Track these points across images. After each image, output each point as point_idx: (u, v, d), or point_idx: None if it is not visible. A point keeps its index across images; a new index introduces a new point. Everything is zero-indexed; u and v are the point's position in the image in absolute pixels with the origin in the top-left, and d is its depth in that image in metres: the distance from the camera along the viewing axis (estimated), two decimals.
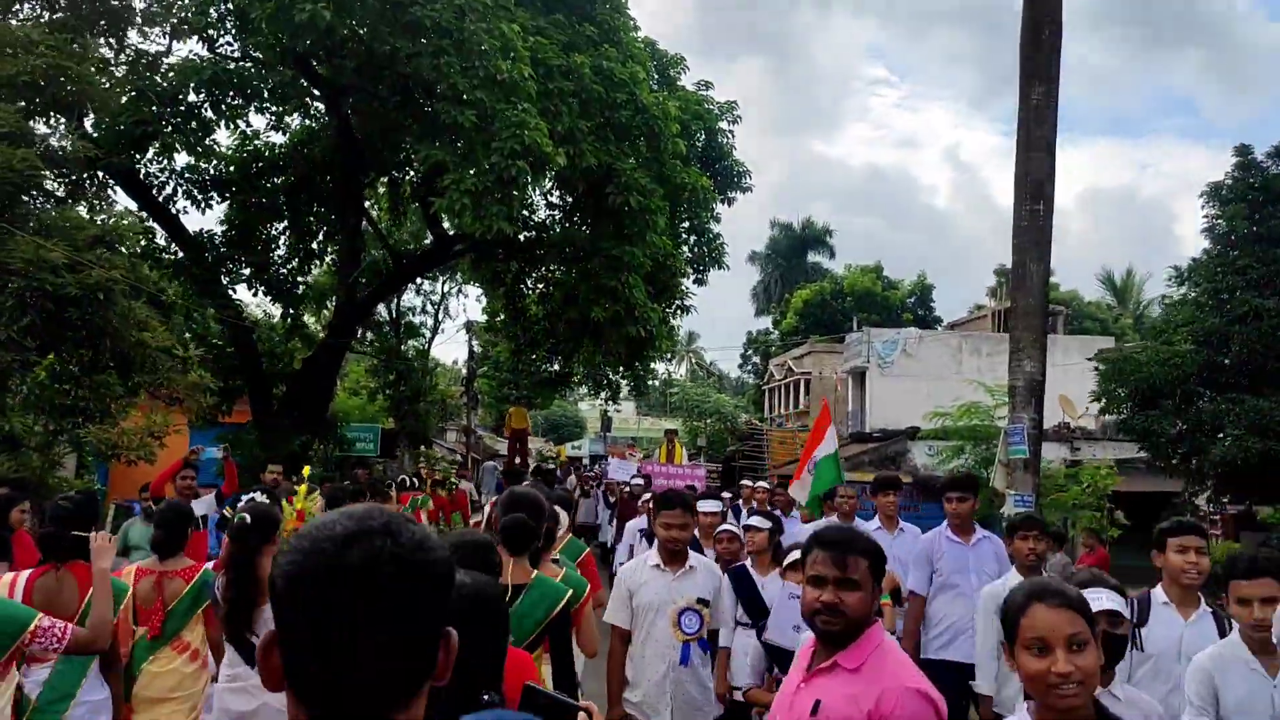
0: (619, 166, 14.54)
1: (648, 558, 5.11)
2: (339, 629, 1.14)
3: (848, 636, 2.68)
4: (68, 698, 4.04)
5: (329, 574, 1.15)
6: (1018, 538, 5.47)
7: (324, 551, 1.17)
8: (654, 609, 4.91)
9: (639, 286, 14.99)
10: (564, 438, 67.36)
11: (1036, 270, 13.82)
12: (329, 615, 1.15)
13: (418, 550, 1.20)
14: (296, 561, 1.18)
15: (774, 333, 54.79)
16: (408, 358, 29.77)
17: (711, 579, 5.10)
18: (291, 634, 1.17)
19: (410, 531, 1.22)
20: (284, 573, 1.18)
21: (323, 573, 1.16)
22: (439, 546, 1.25)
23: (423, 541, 1.23)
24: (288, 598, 1.17)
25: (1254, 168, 12.91)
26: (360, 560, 1.16)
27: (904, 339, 30.28)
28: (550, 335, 21.94)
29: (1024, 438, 13.72)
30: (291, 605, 1.17)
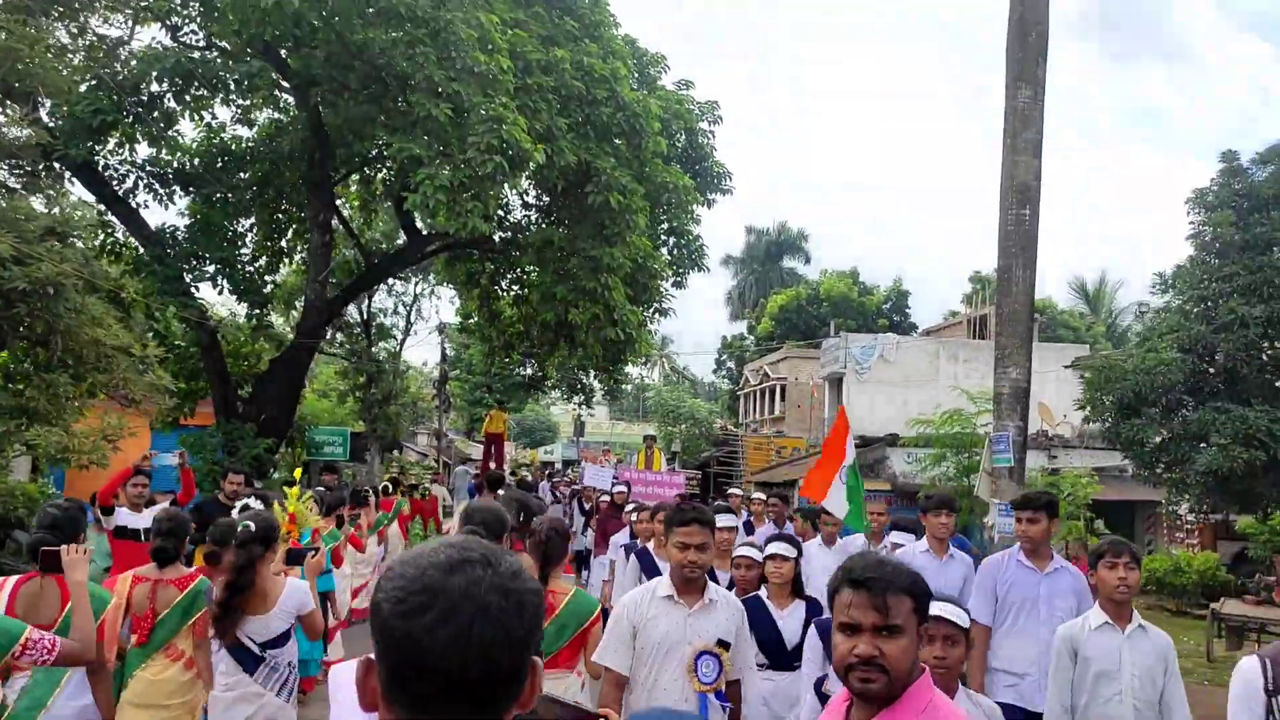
0: (599, 165, 14.17)
1: (657, 587, 4.18)
2: (440, 653, 1.18)
3: (890, 694, 2.26)
4: (40, 706, 4.06)
5: (434, 599, 1.20)
6: (1103, 565, 4.40)
7: (430, 578, 1.22)
8: (664, 651, 4.02)
9: (618, 288, 14.62)
10: (536, 442, 66.95)
11: (1023, 276, 13.57)
12: (432, 640, 1.19)
13: (514, 579, 1.26)
14: (403, 588, 1.22)
15: (749, 338, 54.56)
16: (378, 360, 29.25)
17: (734, 616, 4.17)
18: (392, 654, 1.22)
19: (507, 562, 1.28)
20: (389, 594, 1.23)
21: (428, 597, 1.20)
22: (530, 577, 1.30)
23: (518, 571, 1.28)
24: (390, 620, 1.21)
25: (1239, 174, 12.75)
26: (464, 586, 1.21)
27: (881, 345, 30.08)
28: (525, 338, 21.56)
29: (1009, 446, 13.45)
30: (393, 628, 1.21)
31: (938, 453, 16.41)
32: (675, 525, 4.13)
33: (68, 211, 11.42)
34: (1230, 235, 12.08)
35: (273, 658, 4.73)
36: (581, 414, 52.48)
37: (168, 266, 14.96)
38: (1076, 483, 16.20)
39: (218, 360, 16.06)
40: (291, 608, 4.81)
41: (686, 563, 4.06)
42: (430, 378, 39.50)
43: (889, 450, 22.40)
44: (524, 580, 1.27)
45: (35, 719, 4.04)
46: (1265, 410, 11.73)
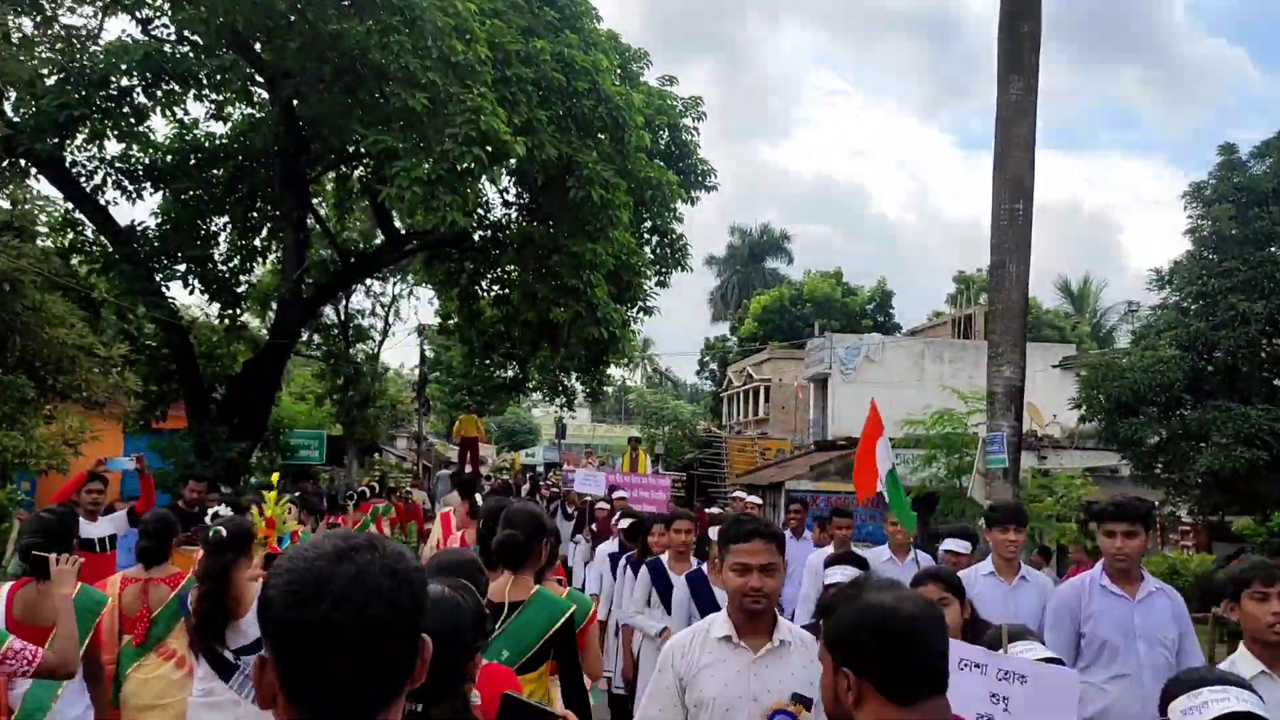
0: (580, 159, 13.78)
1: (711, 626, 3.29)
2: (337, 638, 1.23)
3: None
4: (43, 710, 4.08)
5: (325, 586, 1.24)
6: (1250, 596, 3.38)
7: (319, 568, 1.26)
8: (723, 710, 3.10)
9: (601, 285, 14.24)
10: (518, 445, 66.47)
11: (1017, 271, 13.28)
12: (327, 626, 1.22)
13: (399, 560, 1.31)
14: (294, 581, 1.26)
15: (731, 339, 54.29)
16: (356, 362, 28.76)
17: (813, 662, 2.98)
18: (288, 647, 1.24)
19: (392, 546, 1.34)
20: (281, 589, 1.26)
21: (320, 586, 1.24)
22: (414, 558, 1.35)
23: (403, 554, 1.34)
24: (284, 613, 1.24)
25: (1238, 167, 12.49)
26: (354, 573, 1.26)
27: (866, 345, 29.82)
28: (506, 338, 21.14)
29: (1003, 446, 13.15)
30: (288, 621, 1.24)
31: (928, 453, 16.10)
32: (733, 541, 3.25)
33: (27, 207, 10.91)
34: (1229, 229, 11.82)
35: (247, 665, 4.55)
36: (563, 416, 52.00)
37: (137, 265, 14.48)
38: (1070, 484, 15.95)
39: (189, 362, 15.58)
40: None
41: (749, 590, 3.15)
42: (409, 380, 39.01)
43: None
44: (409, 562, 1.33)
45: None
46: (1266, 409, 11.47)
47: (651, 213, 17.47)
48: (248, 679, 4.51)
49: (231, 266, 18.07)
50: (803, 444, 33.27)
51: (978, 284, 43.91)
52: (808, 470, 21.78)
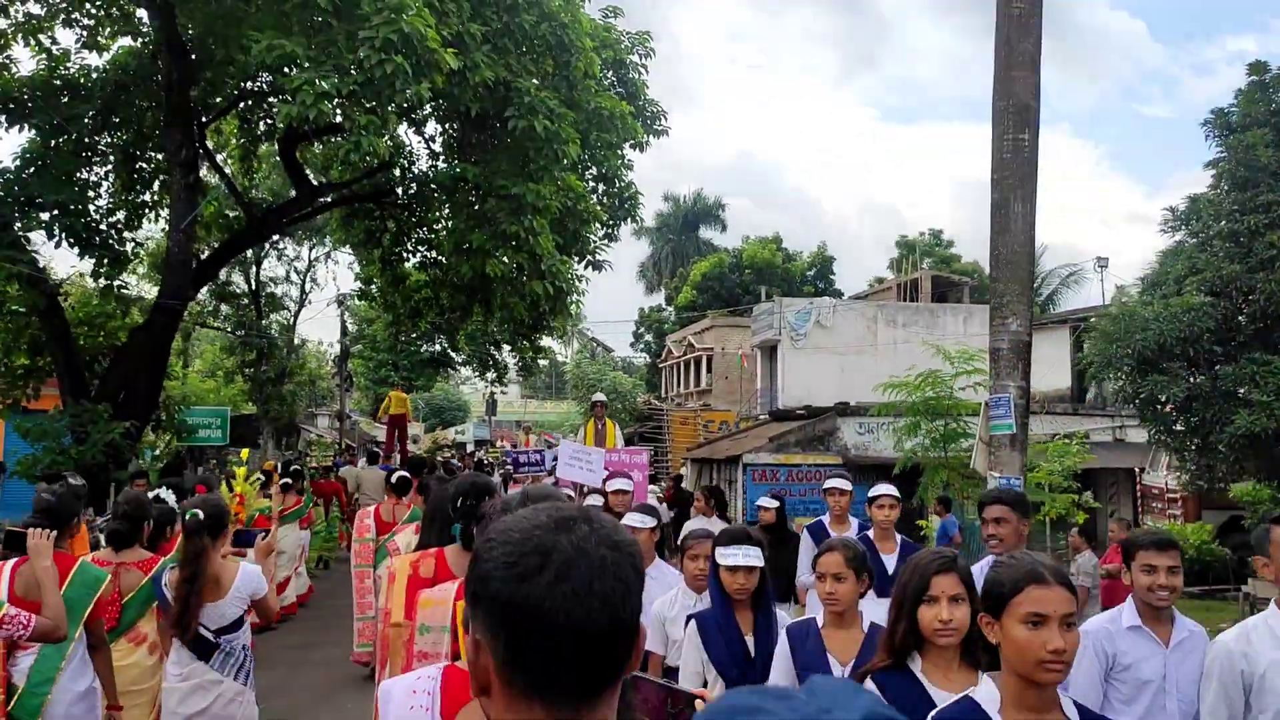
0: (520, 85, 11.81)
1: None
2: (568, 610, 1.11)
3: None
4: (49, 681, 4.12)
5: (550, 558, 1.13)
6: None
7: (540, 539, 1.15)
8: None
9: (546, 233, 12.30)
10: (446, 422, 64.27)
11: (1023, 211, 11.64)
12: (556, 597, 1.11)
13: (617, 532, 1.21)
14: (513, 552, 1.15)
15: (668, 309, 52.71)
16: (270, 334, 26.39)
17: None
18: (516, 623, 1.13)
19: (605, 518, 1.23)
20: (502, 565, 1.15)
21: (545, 558, 1.13)
22: (625, 529, 1.25)
23: (618, 526, 1.23)
24: (512, 587, 1.13)
25: (1268, 89, 11.07)
26: (576, 543, 1.15)
27: (817, 309, 28.34)
28: (434, 304, 19.09)
29: (1010, 409, 11.56)
30: (515, 595, 1.13)
31: (911, 422, 14.54)
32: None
33: None
34: (1266, 157, 10.37)
35: (228, 643, 4.64)
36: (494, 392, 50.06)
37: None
38: (1065, 451, 14.56)
39: (60, 329, 13.29)
40: (245, 593, 4.72)
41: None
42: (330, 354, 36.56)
43: (840, 420, 20.60)
44: (625, 534, 1.22)
45: (46, 694, 4.09)
46: None
47: (596, 159, 15.57)
48: (229, 657, 4.63)
49: (114, 221, 15.74)
50: (749, 414, 31.81)
51: (921, 249, 42.93)
52: (766, 442, 20.16)
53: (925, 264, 39.84)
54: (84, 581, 4.29)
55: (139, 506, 5.11)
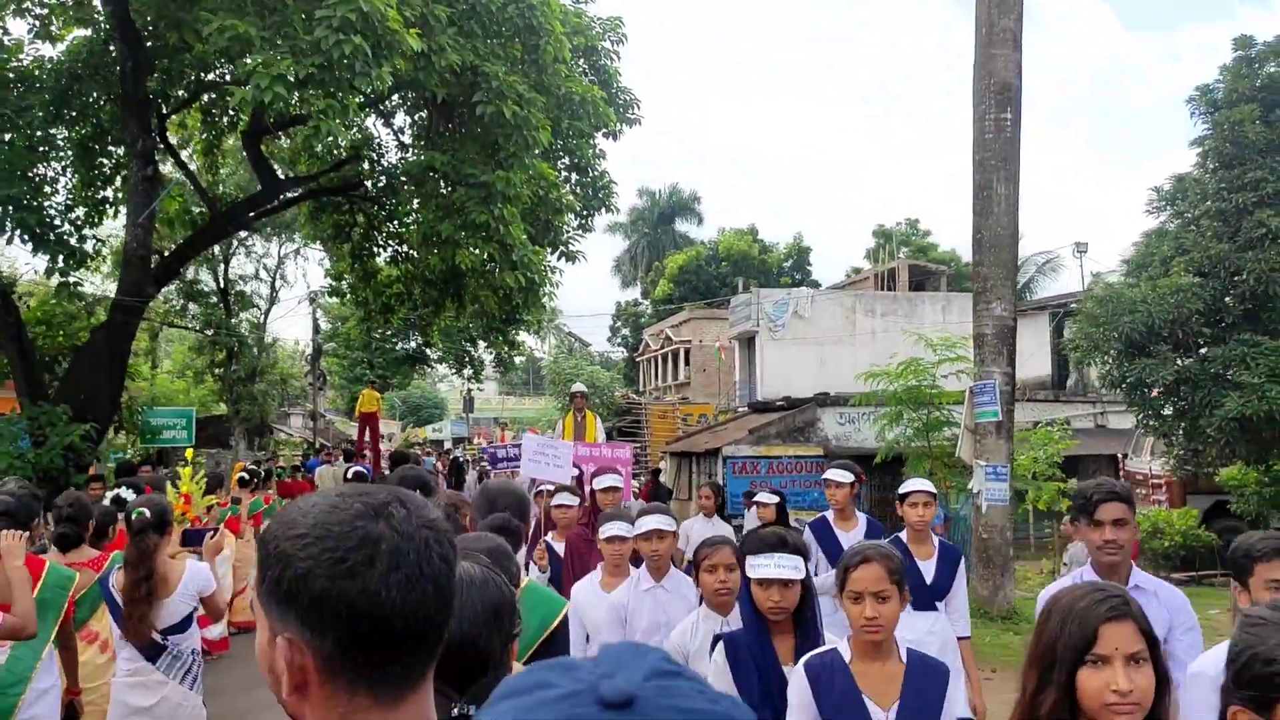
0: (488, 69, 11.43)
1: None
2: (405, 599, 1.09)
3: None
4: (23, 681, 4.15)
5: (379, 547, 1.10)
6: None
7: (363, 529, 1.10)
8: None
9: (517, 222, 11.93)
10: (423, 420, 63.74)
11: (1005, 192, 11.42)
12: (391, 587, 1.08)
13: (430, 511, 1.18)
14: (336, 545, 1.09)
15: (644, 303, 52.37)
16: (239, 333, 25.84)
17: None
18: (348, 620, 1.08)
19: (414, 497, 1.19)
20: (325, 560, 1.08)
21: (374, 548, 1.09)
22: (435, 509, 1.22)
23: (424, 502, 1.19)
24: (342, 583, 1.08)
25: (1252, 65, 10.84)
26: (398, 529, 1.12)
27: (795, 300, 28.05)
28: (406, 299, 18.70)
29: (995, 395, 11.35)
30: (347, 590, 1.07)
31: (893, 411, 14.26)
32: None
33: None
34: (1254, 134, 10.13)
35: (175, 644, 4.62)
36: (471, 389, 49.63)
37: None
38: (1049, 439, 14.34)
39: (14, 328, 12.82)
40: (194, 591, 4.70)
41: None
42: (303, 353, 35.99)
43: (820, 411, 20.32)
44: (432, 510, 1.19)
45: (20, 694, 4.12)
46: None
47: (569, 147, 15.22)
48: (175, 659, 4.61)
49: (73, 219, 15.28)
50: (727, 407, 31.53)
51: (899, 238, 42.77)
52: (746, 434, 19.85)
53: (902, 253, 39.66)
54: (56, 582, 4.36)
55: (81, 508, 5.12)
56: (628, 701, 0.67)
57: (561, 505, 5.79)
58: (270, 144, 17.57)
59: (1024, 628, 11.06)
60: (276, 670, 1.12)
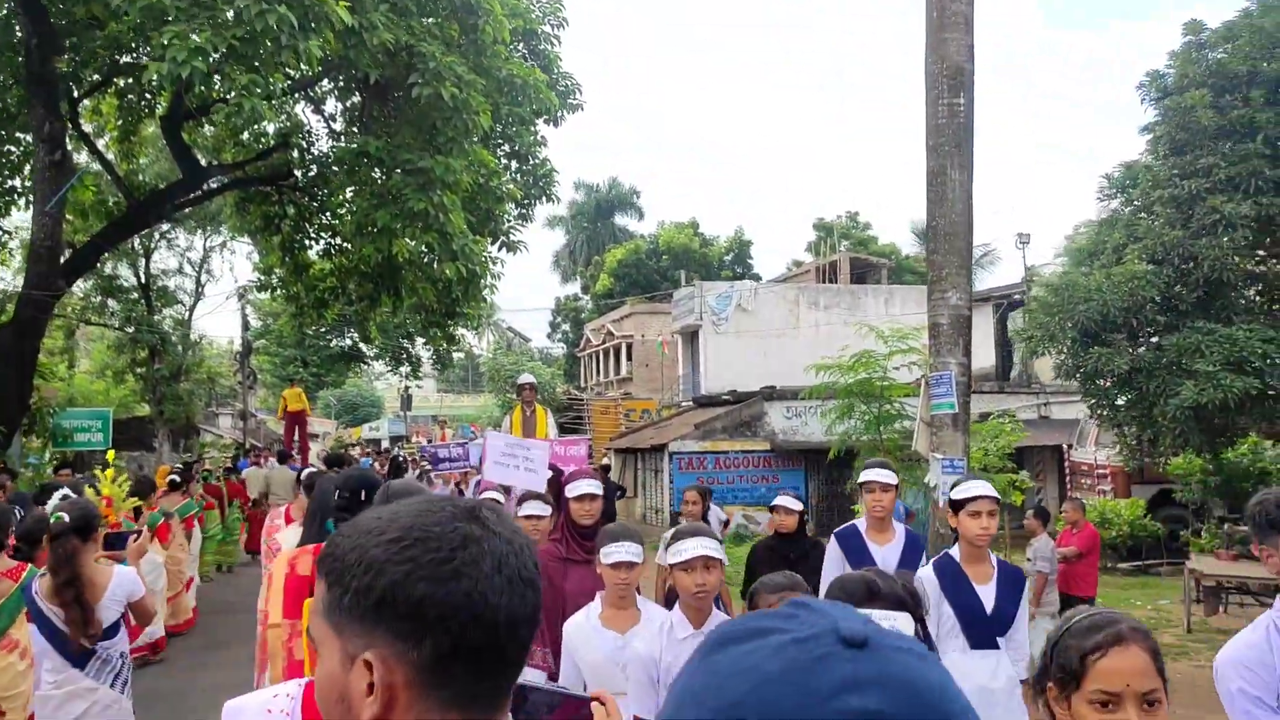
0: (424, 49, 10.86)
1: None
2: (509, 598, 1.05)
3: None
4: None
5: (481, 546, 1.06)
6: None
7: (461, 530, 1.06)
8: None
9: (457, 210, 11.38)
10: (360, 419, 62.55)
11: (959, 180, 11.11)
12: (495, 588, 1.04)
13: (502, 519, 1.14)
14: (438, 548, 1.04)
15: (584, 298, 51.89)
16: (163, 330, 24.77)
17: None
18: (456, 625, 1.02)
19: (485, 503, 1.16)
20: (427, 563, 1.03)
21: (477, 548, 1.06)
22: None
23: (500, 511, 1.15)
24: (450, 585, 1.03)
25: (1205, 49, 10.72)
26: (486, 530, 1.08)
27: (738, 293, 27.82)
28: (340, 293, 17.97)
29: (952, 387, 11.06)
30: (455, 592, 1.02)
31: (844, 404, 14.00)
32: None
33: None
34: (1206, 119, 10.00)
35: (104, 650, 4.52)
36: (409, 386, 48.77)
37: None
38: (1000, 430, 14.18)
39: None
40: (121, 596, 4.59)
41: None
42: (232, 350, 34.84)
43: (766, 405, 20.05)
44: (516, 526, 1.15)
45: None
46: (1251, 329, 9.76)
47: (509, 133, 14.68)
48: (105, 664, 4.54)
49: None
50: (671, 402, 31.23)
51: (839, 232, 42.85)
52: (692, 429, 19.52)
53: (843, 246, 39.72)
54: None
55: (2, 516, 4.88)
56: (865, 640, 0.67)
57: (532, 516, 5.06)
58: (193, 131, 16.76)
59: None
60: (352, 697, 1.04)
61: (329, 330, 36.59)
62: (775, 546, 5.83)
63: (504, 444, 7.39)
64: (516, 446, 7.40)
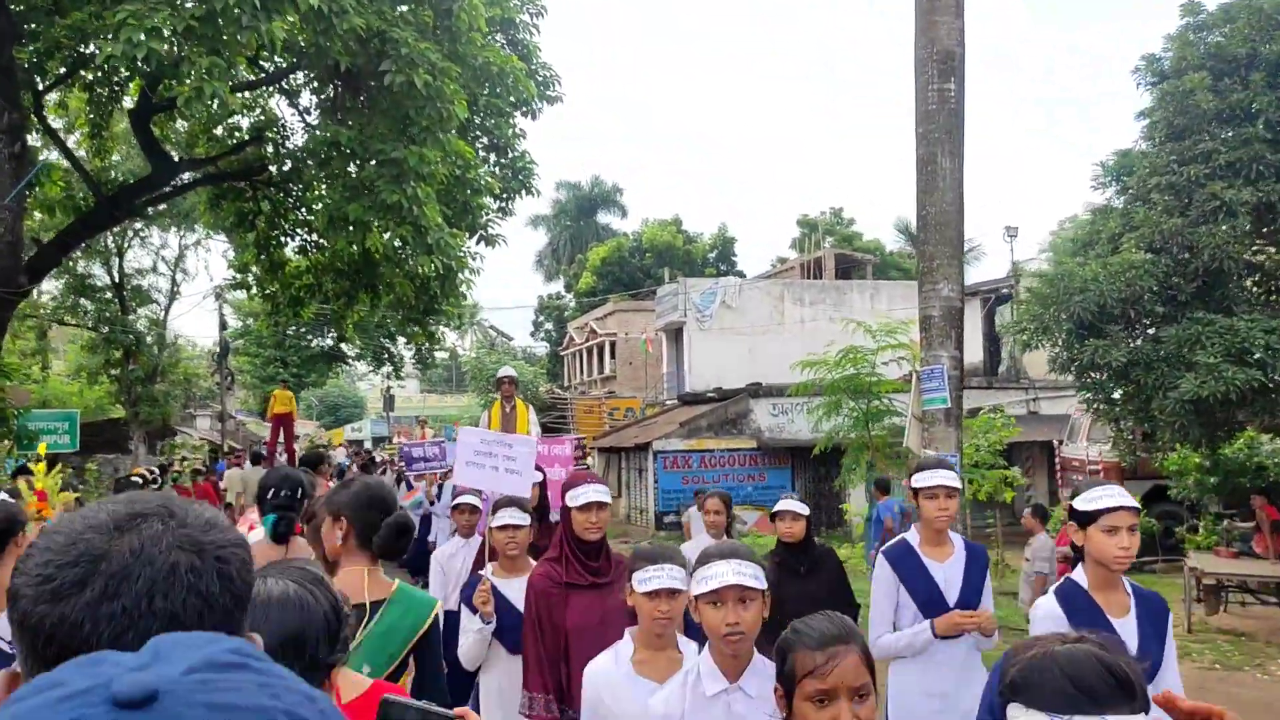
0: (396, 34, 10.47)
1: None
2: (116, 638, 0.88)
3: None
4: None
5: (97, 568, 0.90)
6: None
7: (88, 544, 0.92)
8: None
9: (432, 203, 11.00)
10: (342, 420, 61.99)
11: (950, 166, 10.81)
12: (99, 621, 0.88)
13: (209, 530, 0.98)
14: (50, 562, 0.91)
15: (567, 296, 51.50)
16: (136, 330, 24.27)
17: None
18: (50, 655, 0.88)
19: (196, 512, 1.00)
20: (34, 579, 0.91)
21: (89, 569, 0.90)
22: (231, 528, 1.02)
23: (215, 522, 1.00)
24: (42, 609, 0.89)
25: (1202, 31, 10.45)
26: (137, 548, 0.92)
27: (723, 290, 27.49)
28: (316, 291, 17.54)
29: (944, 381, 10.75)
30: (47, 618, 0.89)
31: (831, 400, 13.69)
32: None
33: None
34: (1205, 103, 9.72)
35: None
36: (390, 387, 48.28)
37: None
38: (991, 425, 13.92)
39: None
40: None
41: None
42: (209, 351, 34.28)
43: (752, 403, 19.73)
44: (223, 532, 0.99)
45: None
46: (1256, 320, 9.48)
47: (487, 125, 14.30)
48: None
49: None
50: (655, 400, 30.90)
51: (823, 229, 42.58)
52: (677, 427, 19.18)
53: (828, 242, 39.45)
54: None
55: None
56: (149, 698, 0.59)
57: (508, 526, 4.40)
58: (165, 127, 16.35)
59: None
60: None
61: (308, 330, 36.13)
62: (784, 559, 4.88)
63: (478, 441, 5.99)
64: (495, 444, 5.93)
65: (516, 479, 5.56)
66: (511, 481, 5.56)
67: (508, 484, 5.50)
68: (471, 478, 5.78)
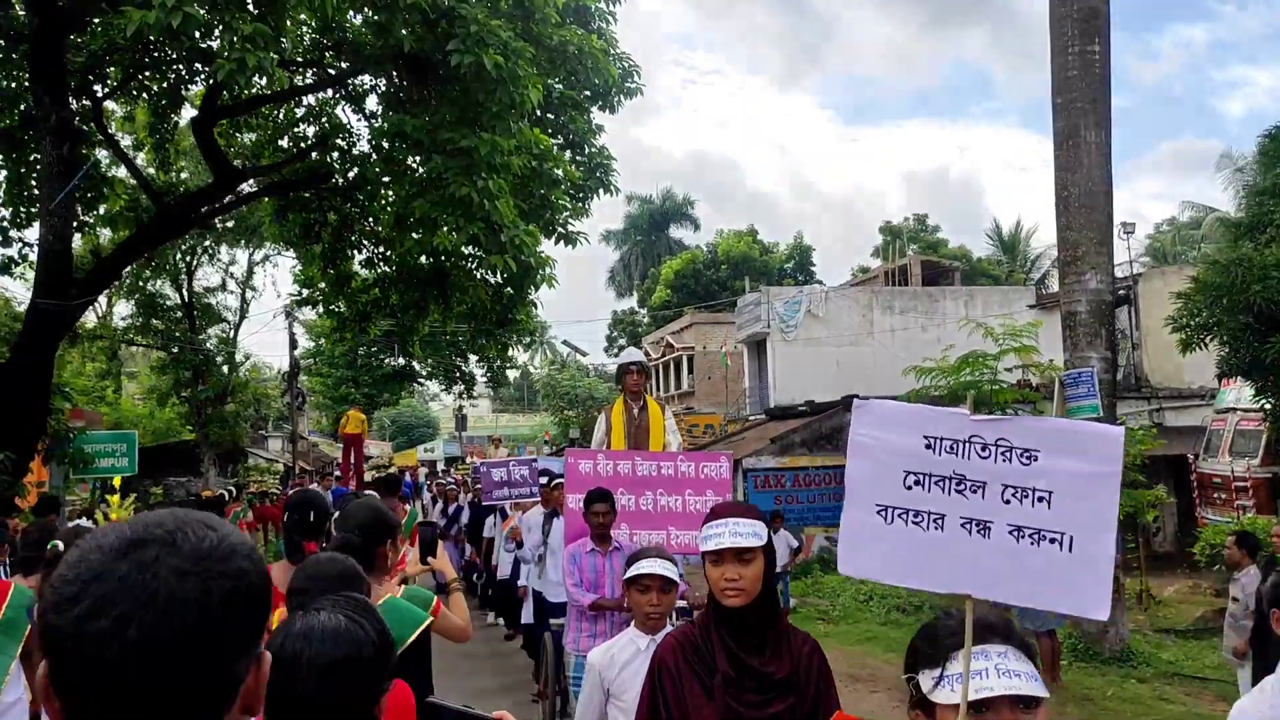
0: (465, 12, 9.47)
1: None
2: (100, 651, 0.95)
3: None
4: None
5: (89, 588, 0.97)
6: None
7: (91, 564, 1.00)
8: None
9: (505, 196, 9.95)
10: (415, 440, 61.76)
11: (1096, 139, 9.43)
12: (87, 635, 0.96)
13: (204, 560, 1.00)
14: (62, 576, 1.01)
15: (641, 311, 50.50)
16: (204, 348, 23.79)
17: None
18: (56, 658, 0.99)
19: (200, 536, 1.02)
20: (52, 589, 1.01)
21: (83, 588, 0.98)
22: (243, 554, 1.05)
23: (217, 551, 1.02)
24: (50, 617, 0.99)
25: None
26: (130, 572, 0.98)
27: (808, 298, 26.13)
28: (383, 304, 16.73)
29: (1093, 386, 9.37)
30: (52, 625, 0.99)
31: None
32: None
33: None
34: None
35: None
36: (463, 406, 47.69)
37: None
38: (1132, 436, 12.35)
39: None
40: None
41: None
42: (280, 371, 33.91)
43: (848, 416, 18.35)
44: (222, 561, 1.01)
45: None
46: None
47: (561, 121, 13.28)
48: None
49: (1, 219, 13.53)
50: (736, 415, 29.58)
51: (907, 234, 40.96)
52: (767, 443, 17.85)
53: (912, 249, 37.82)
54: (20, 602, 4.28)
55: (47, 533, 5.03)
56: None
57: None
58: (231, 139, 15.76)
59: (1145, 671, 9.08)
60: None
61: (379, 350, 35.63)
62: None
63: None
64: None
65: None
66: None
67: None
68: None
